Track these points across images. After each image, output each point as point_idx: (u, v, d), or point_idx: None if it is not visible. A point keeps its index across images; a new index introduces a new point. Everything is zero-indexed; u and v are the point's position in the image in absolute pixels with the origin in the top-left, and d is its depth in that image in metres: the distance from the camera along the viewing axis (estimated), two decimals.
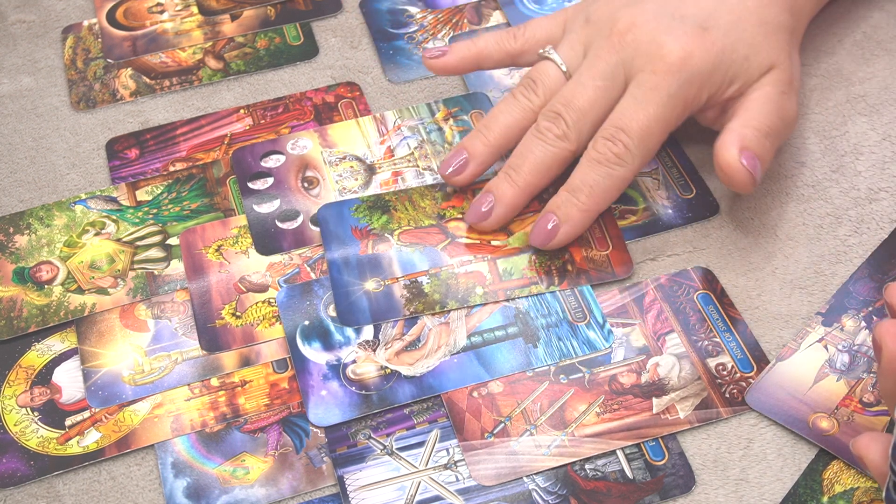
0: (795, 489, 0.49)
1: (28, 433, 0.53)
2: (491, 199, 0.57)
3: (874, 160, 0.61)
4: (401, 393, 0.53)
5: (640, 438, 0.51)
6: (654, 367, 0.54)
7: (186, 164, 0.63)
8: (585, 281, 0.57)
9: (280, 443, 0.52)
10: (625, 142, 0.55)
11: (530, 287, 0.57)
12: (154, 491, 0.51)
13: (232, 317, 0.56)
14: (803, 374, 0.53)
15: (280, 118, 0.66)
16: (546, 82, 0.58)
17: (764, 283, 0.57)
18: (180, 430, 0.53)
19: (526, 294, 0.56)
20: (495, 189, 0.57)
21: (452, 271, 0.57)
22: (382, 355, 0.54)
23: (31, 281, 0.58)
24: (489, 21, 0.70)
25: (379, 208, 0.60)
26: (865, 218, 0.59)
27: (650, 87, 0.55)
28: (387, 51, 0.69)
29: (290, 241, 0.59)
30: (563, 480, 0.50)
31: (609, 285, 0.57)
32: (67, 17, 0.73)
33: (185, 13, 0.72)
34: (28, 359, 0.56)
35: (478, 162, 0.59)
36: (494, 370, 0.54)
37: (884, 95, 0.64)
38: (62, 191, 0.63)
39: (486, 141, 0.58)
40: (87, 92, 0.68)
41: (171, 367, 0.55)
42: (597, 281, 0.57)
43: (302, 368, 0.54)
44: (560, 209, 0.56)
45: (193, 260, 0.59)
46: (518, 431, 0.52)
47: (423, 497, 0.50)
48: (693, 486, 0.50)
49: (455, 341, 0.55)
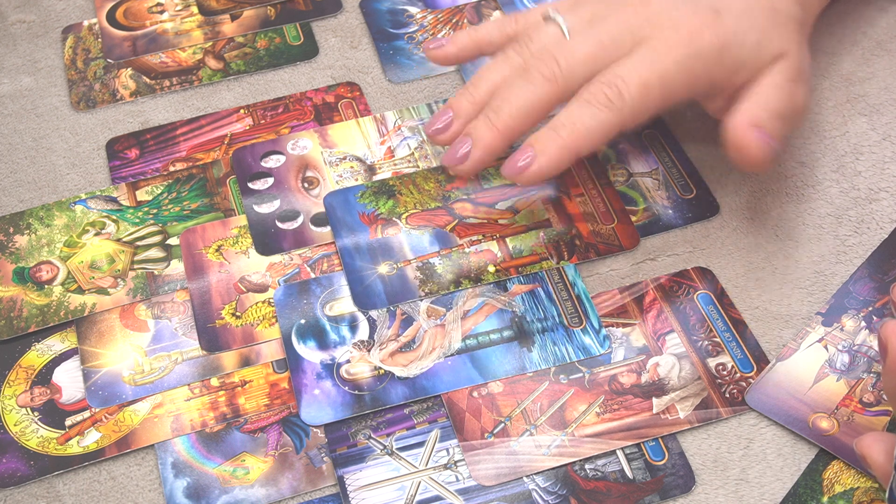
0: (795, 489, 0.49)
1: (28, 433, 0.53)
2: (469, 143, 0.55)
3: (874, 160, 0.61)
4: (394, 394, 0.53)
5: (640, 438, 0.51)
6: (654, 367, 0.54)
7: (186, 164, 0.63)
8: (594, 254, 0.57)
9: (280, 443, 0.52)
10: (620, 87, 0.53)
11: (541, 263, 0.57)
12: (154, 491, 0.51)
13: (232, 317, 0.56)
14: (803, 374, 0.53)
15: (280, 118, 0.66)
16: (543, 40, 0.56)
17: (764, 283, 0.57)
18: (180, 430, 0.53)
19: (538, 269, 0.57)
20: (473, 131, 0.55)
21: (463, 251, 0.58)
22: (377, 356, 0.54)
23: (31, 281, 0.58)
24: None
25: (384, 193, 0.60)
26: (865, 218, 0.59)
27: (657, 49, 0.54)
28: (387, 51, 0.69)
29: (290, 241, 0.59)
30: (563, 480, 0.50)
31: (609, 285, 0.57)
32: (67, 17, 0.73)
33: (185, 13, 0.72)
34: (28, 359, 0.56)
35: (463, 120, 0.57)
36: (488, 373, 0.54)
37: (884, 95, 0.64)
38: (62, 191, 0.63)
39: (472, 98, 0.56)
40: (87, 92, 0.68)
41: (171, 367, 0.55)
42: (605, 254, 0.57)
43: (296, 367, 0.54)
44: (538, 142, 0.54)
45: (193, 260, 0.59)
46: (518, 431, 0.52)
47: (423, 497, 0.50)
48: (693, 486, 0.50)
49: (450, 343, 0.55)
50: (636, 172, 0.62)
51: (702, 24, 0.55)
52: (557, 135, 0.54)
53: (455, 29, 0.70)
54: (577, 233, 0.58)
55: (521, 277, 0.57)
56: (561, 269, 0.57)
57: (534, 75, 0.54)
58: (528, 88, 0.54)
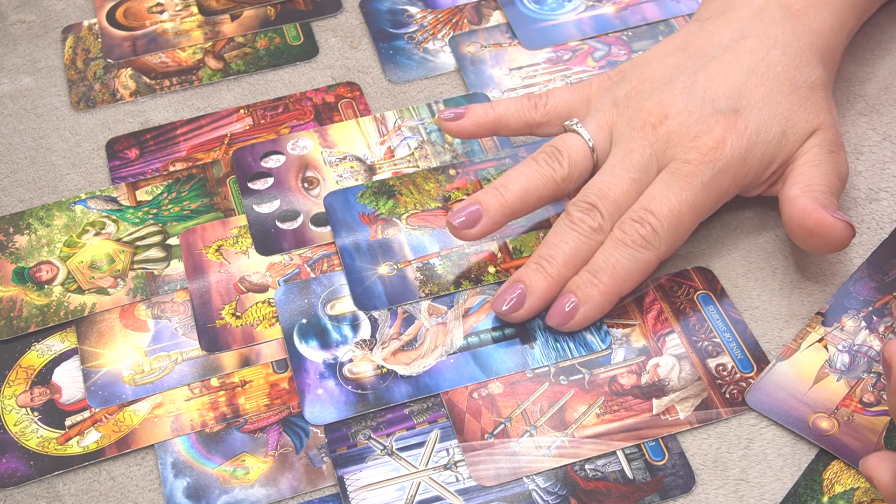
0: (795, 489, 0.49)
1: (28, 433, 0.53)
2: (521, 289, 0.54)
3: (874, 160, 0.61)
4: (397, 392, 0.53)
5: (640, 439, 0.51)
6: (654, 367, 0.54)
7: (186, 164, 0.63)
8: None
9: (280, 443, 0.52)
10: (653, 224, 0.53)
11: None
12: (154, 491, 0.51)
13: (232, 317, 0.56)
14: (803, 374, 0.53)
15: (280, 118, 0.66)
16: (571, 154, 0.56)
17: (764, 283, 0.57)
18: (180, 430, 0.53)
19: None
20: (526, 279, 0.54)
21: (463, 252, 0.58)
22: (379, 355, 0.54)
23: (31, 281, 0.58)
24: (489, 21, 0.70)
25: (384, 193, 0.60)
26: (865, 218, 0.59)
27: (683, 174, 0.54)
28: (387, 51, 0.69)
29: (290, 241, 0.59)
30: (563, 480, 0.50)
31: None
32: (67, 17, 0.73)
33: (185, 13, 0.72)
34: (28, 359, 0.56)
35: (491, 219, 0.55)
36: (491, 370, 0.54)
37: (884, 95, 0.64)
38: (62, 191, 0.63)
39: (503, 201, 0.55)
40: (87, 92, 0.68)
41: (171, 367, 0.55)
42: None
43: (298, 367, 0.54)
44: (580, 289, 0.54)
45: (193, 260, 0.59)
46: (518, 432, 0.52)
47: (423, 497, 0.50)
48: (693, 486, 0.50)
49: (452, 341, 0.55)
50: None
51: (723, 133, 0.54)
52: (598, 281, 0.53)
53: (455, 29, 0.70)
54: None
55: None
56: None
57: (580, 226, 0.54)
58: (577, 238, 0.54)
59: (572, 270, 0.54)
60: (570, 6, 0.71)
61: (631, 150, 0.55)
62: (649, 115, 0.56)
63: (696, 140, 0.54)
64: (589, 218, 0.54)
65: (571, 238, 0.54)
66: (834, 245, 0.53)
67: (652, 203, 0.54)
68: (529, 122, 0.59)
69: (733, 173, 0.55)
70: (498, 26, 0.70)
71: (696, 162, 0.54)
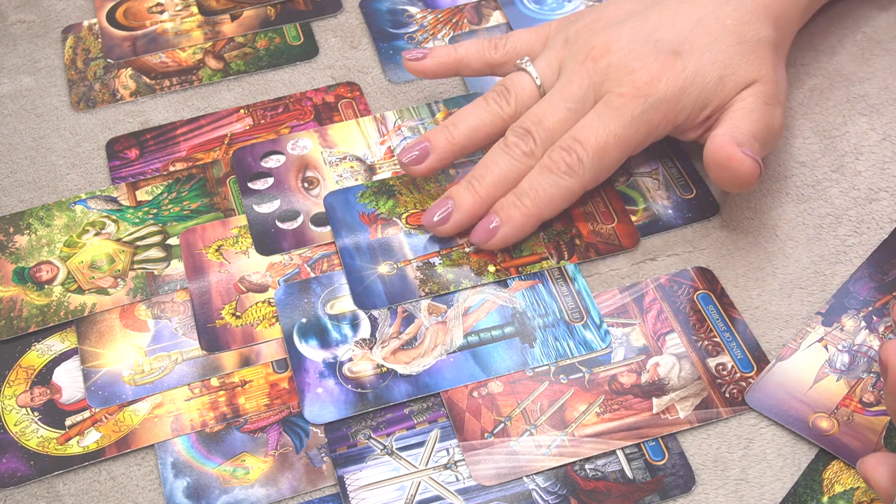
0: (795, 489, 0.49)
1: (28, 433, 0.53)
2: (450, 205, 0.57)
3: (874, 160, 0.61)
4: (396, 391, 0.53)
5: (640, 438, 0.51)
6: (654, 367, 0.54)
7: (186, 164, 0.63)
8: (594, 253, 0.58)
9: (280, 443, 0.52)
10: (579, 153, 0.56)
11: (541, 262, 0.57)
12: (154, 491, 0.51)
13: (232, 317, 0.56)
14: (803, 374, 0.53)
15: (280, 118, 0.66)
16: (519, 92, 0.59)
17: (764, 283, 0.57)
18: (180, 430, 0.53)
19: (538, 269, 0.57)
20: (456, 196, 0.58)
21: (463, 251, 0.58)
22: (379, 354, 0.54)
23: (31, 281, 0.58)
24: (489, 21, 0.71)
25: (384, 193, 0.61)
26: (865, 218, 0.59)
27: (614, 106, 0.56)
28: (387, 51, 0.69)
29: (290, 241, 0.59)
30: (563, 480, 0.50)
31: (609, 285, 0.57)
32: (67, 17, 0.73)
33: (185, 13, 0.72)
34: (28, 359, 0.56)
35: (438, 156, 0.58)
36: (491, 369, 0.54)
37: (884, 95, 0.64)
38: (62, 191, 0.63)
39: (451, 139, 0.58)
40: (87, 92, 0.68)
41: (171, 367, 0.55)
42: (605, 254, 0.58)
43: (298, 366, 0.54)
44: (503, 210, 0.57)
45: (193, 260, 0.59)
46: (518, 431, 0.52)
47: (423, 497, 0.50)
48: (693, 486, 0.50)
49: (452, 340, 0.55)
50: (636, 172, 0.62)
51: (659, 71, 0.56)
52: (521, 203, 0.56)
53: (455, 29, 0.70)
54: (577, 232, 0.59)
55: (522, 277, 0.57)
56: (562, 268, 0.57)
57: (513, 150, 0.57)
58: (508, 161, 0.57)
59: (501, 191, 0.57)
60: (570, 6, 0.71)
61: (570, 81, 0.57)
62: (593, 49, 0.57)
63: (631, 74, 0.56)
64: (522, 143, 0.57)
65: (504, 161, 0.57)
66: (741, 180, 0.55)
67: (581, 133, 0.56)
68: (490, 62, 0.62)
69: (665, 110, 0.56)
70: (498, 26, 0.70)
71: (629, 96, 0.56)
